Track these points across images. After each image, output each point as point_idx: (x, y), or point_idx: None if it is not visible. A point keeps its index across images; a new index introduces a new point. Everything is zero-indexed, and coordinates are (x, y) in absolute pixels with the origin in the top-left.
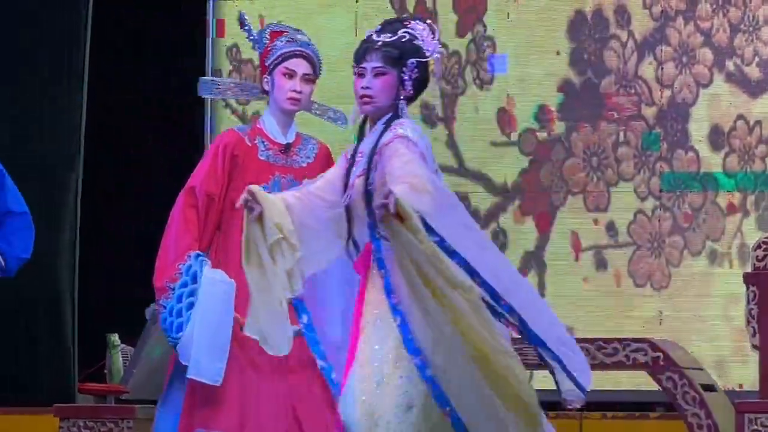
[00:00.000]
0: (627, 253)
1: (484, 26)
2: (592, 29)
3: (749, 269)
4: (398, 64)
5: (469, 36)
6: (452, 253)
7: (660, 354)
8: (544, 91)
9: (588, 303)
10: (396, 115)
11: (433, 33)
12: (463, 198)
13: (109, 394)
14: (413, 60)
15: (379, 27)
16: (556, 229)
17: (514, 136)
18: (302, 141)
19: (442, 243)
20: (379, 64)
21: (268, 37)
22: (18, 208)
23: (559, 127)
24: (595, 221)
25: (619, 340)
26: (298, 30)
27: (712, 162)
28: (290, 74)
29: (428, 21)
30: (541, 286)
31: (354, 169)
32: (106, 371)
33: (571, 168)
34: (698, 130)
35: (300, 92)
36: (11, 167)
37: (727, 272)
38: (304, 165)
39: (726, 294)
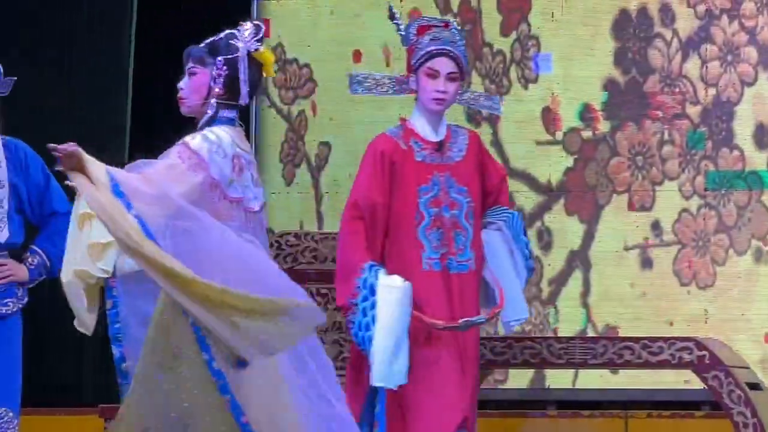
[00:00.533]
0: (672, 252)
1: (529, 25)
2: (637, 28)
3: None
4: (207, 63)
5: (513, 35)
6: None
7: (705, 353)
8: (588, 90)
9: (633, 302)
10: (212, 119)
11: (257, 32)
12: (509, 197)
13: None
14: (221, 58)
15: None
16: (601, 228)
17: (558, 135)
18: (452, 135)
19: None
20: (191, 64)
21: (415, 32)
22: (62, 208)
23: (603, 126)
24: (640, 220)
25: (665, 339)
26: (447, 23)
27: (757, 160)
28: (434, 74)
29: (256, 22)
30: (587, 285)
31: None
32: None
33: (615, 167)
34: (743, 128)
35: (444, 92)
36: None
37: None
38: (459, 159)
39: None
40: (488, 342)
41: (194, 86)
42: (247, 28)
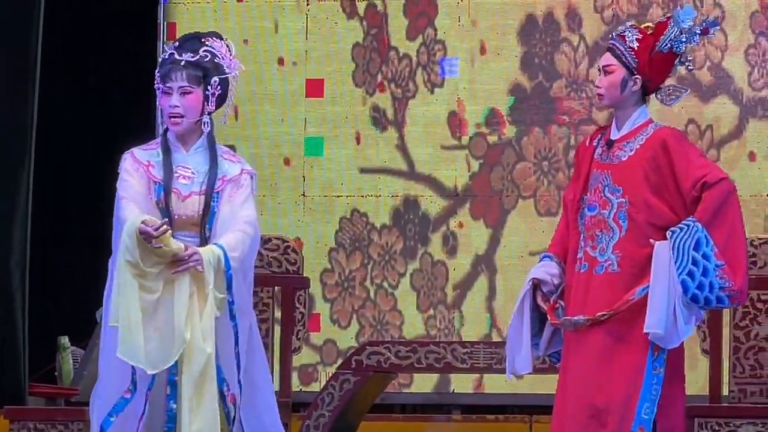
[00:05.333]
0: None
1: (435, 29)
2: (543, 33)
3: None
4: (202, 82)
5: (419, 39)
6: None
7: None
8: (494, 94)
9: None
10: (212, 136)
11: (230, 50)
12: (414, 201)
13: (59, 396)
14: (216, 78)
15: (177, 44)
16: (507, 233)
17: (464, 140)
18: (639, 134)
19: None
20: (185, 83)
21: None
22: None
23: (509, 130)
24: (546, 225)
25: None
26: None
27: None
28: (599, 70)
29: (225, 39)
30: (492, 289)
31: (184, 181)
32: (56, 373)
33: (521, 172)
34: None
35: (599, 87)
36: None
37: None
38: (625, 159)
39: None
40: (393, 346)
41: (190, 105)
42: (221, 45)
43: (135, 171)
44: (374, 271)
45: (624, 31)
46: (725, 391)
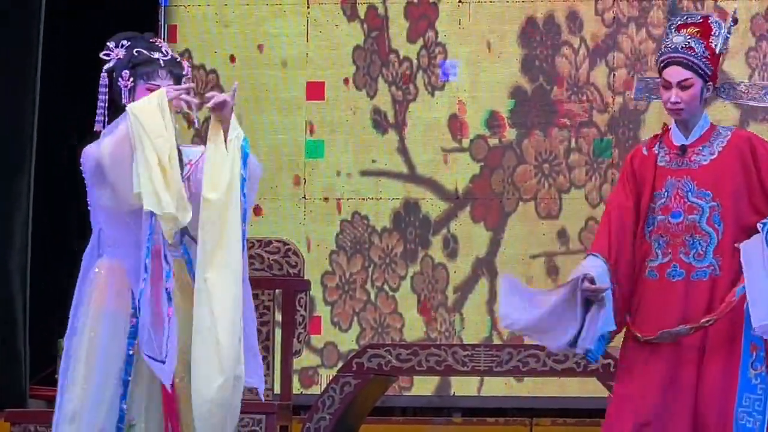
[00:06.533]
0: (578, 260)
1: (436, 32)
2: (544, 35)
3: None
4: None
5: (420, 42)
6: None
7: (610, 361)
8: (495, 97)
9: None
10: None
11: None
12: (414, 204)
13: None
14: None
15: (130, 42)
16: (507, 235)
17: (465, 143)
18: (711, 137)
19: None
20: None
21: (674, 32)
22: None
23: (510, 133)
24: (547, 228)
25: None
26: (706, 18)
27: None
28: (666, 85)
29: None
30: (492, 292)
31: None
32: (56, 376)
33: (522, 174)
34: (650, 136)
35: (677, 102)
36: None
37: None
38: (706, 163)
39: None
40: (393, 349)
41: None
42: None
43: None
44: (375, 274)
45: (688, 42)
46: None
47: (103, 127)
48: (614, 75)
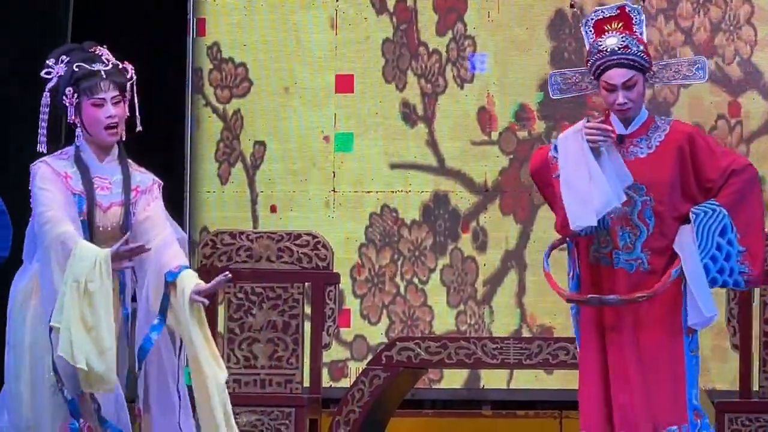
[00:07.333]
0: None
1: (465, 25)
2: (573, 28)
3: None
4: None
5: (449, 35)
6: None
7: None
8: (524, 90)
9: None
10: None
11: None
12: (444, 197)
13: None
14: (128, 84)
15: (69, 58)
16: (537, 228)
17: (494, 135)
18: (650, 130)
19: None
20: (116, 93)
21: (593, 30)
22: None
23: (539, 126)
24: None
25: None
26: (622, 8)
27: None
28: (610, 88)
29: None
30: (522, 284)
31: (103, 192)
32: None
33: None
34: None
35: (624, 102)
36: None
37: None
38: (642, 156)
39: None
40: (423, 342)
41: (122, 114)
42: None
43: (52, 182)
44: (404, 267)
45: (623, 41)
46: (755, 387)
47: (45, 147)
48: None
